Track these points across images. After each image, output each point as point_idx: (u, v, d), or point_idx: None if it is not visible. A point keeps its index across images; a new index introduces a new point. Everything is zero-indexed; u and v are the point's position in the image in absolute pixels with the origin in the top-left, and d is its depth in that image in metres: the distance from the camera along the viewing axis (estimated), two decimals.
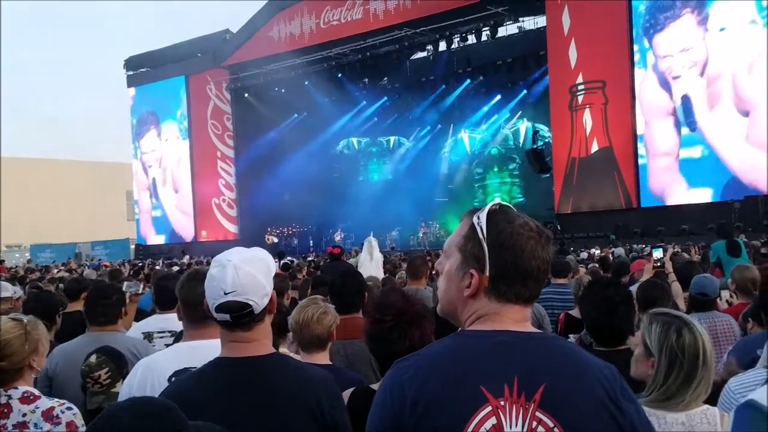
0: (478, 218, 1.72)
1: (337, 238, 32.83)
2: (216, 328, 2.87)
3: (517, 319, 1.71)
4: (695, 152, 23.75)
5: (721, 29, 23.08)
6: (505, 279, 1.69)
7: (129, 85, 42.17)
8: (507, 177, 34.03)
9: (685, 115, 23.88)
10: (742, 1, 22.80)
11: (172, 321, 4.51)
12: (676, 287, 5.53)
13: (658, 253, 6.03)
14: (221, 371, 2.25)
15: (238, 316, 2.23)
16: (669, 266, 6.18)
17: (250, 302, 2.22)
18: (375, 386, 2.41)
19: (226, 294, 2.20)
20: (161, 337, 4.49)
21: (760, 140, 22.02)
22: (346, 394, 2.79)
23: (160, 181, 40.44)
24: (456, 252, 1.75)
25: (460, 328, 1.78)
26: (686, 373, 2.45)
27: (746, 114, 22.60)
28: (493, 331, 1.68)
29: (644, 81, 24.85)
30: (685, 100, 23.83)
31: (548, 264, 1.73)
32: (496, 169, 34.37)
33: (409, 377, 1.66)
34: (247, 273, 2.22)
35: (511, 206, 1.77)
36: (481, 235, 1.69)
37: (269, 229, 34.88)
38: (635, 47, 25.09)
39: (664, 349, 2.47)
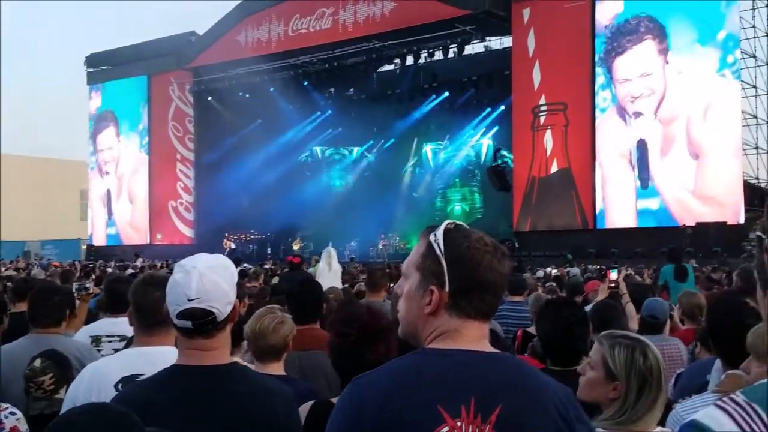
0: (435, 236, 1.74)
1: (296, 246, 32.70)
2: (168, 335, 2.83)
3: (476, 337, 1.72)
4: (651, 204, 24.30)
5: (679, 72, 23.66)
6: (463, 293, 1.70)
7: (89, 83, 41.59)
8: (468, 192, 34.27)
9: (640, 166, 24.38)
10: (704, 48, 23.38)
11: (122, 325, 4.41)
12: (630, 309, 5.59)
13: (614, 274, 6.09)
14: (178, 378, 2.20)
15: (201, 324, 2.18)
16: (623, 288, 6.25)
17: (214, 310, 2.18)
18: (335, 400, 2.37)
19: (190, 300, 2.16)
20: (110, 341, 4.38)
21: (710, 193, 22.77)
22: (306, 407, 2.75)
23: (115, 193, 39.88)
24: (414, 272, 1.76)
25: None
26: (653, 396, 2.47)
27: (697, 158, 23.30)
28: (452, 350, 1.69)
29: (605, 117, 25.34)
30: (641, 148, 24.29)
31: (504, 278, 1.77)
32: (457, 184, 34.58)
33: (368, 395, 1.65)
34: (212, 280, 2.18)
35: (464, 225, 1.80)
36: (438, 252, 1.71)
37: (227, 235, 34.59)
38: (598, 70, 25.54)
39: (633, 373, 2.48)
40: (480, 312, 1.72)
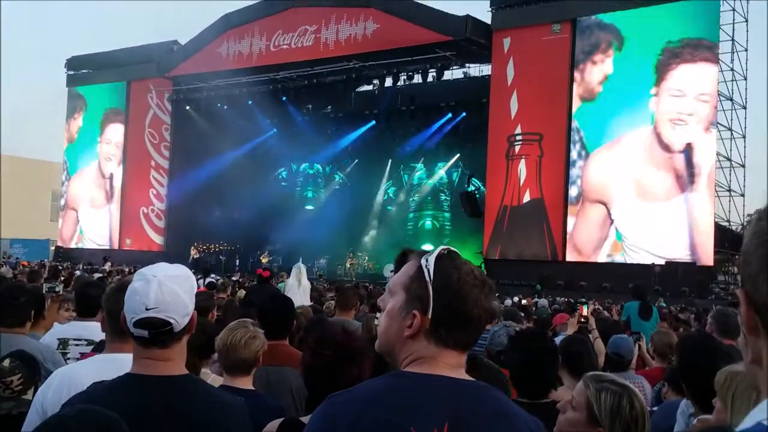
0: (426, 261, 1.73)
1: (264, 260, 32.55)
2: None
3: (452, 365, 1.72)
4: (618, 258, 24.61)
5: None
6: (446, 323, 1.70)
7: (68, 85, 41.34)
8: (439, 216, 34.36)
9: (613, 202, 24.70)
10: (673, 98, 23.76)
11: (90, 329, 4.40)
12: (599, 345, 5.65)
13: (585, 309, 6.16)
14: (132, 388, 2.18)
15: (157, 333, 2.17)
16: (592, 322, 6.31)
17: (171, 320, 2.17)
18: (305, 419, 2.38)
19: (147, 309, 2.15)
20: (77, 345, 4.36)
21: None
22: (275, 425, 2.76)
23: (86, 204, 39.54)
24: (401, 291, 1.76)
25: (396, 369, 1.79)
26: None
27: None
28: (428, 375, 1.69)
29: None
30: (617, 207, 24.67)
31: (488, 313, 1.76)
32: (429, 208, 34.68)
33: (341, 414, 1.65)
34: (171, 290, 2.17)
35: (458, 253, 1.79)
36: (427, 278, 1.71)
37: (196, 244, 34.33)
38: (574, 105, 25.83)
39: (618, 421, 2.46)
40: (460, 343, 1.72)
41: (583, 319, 6.02)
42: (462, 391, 1.70)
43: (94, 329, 4.39)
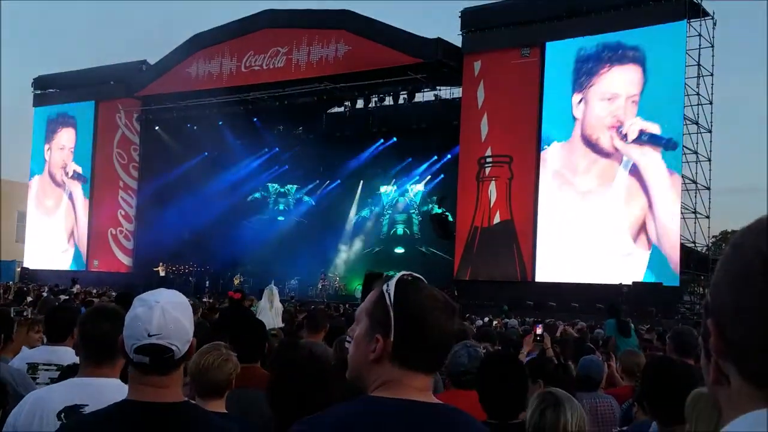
0: (388, 285, 1.75)
1: (236, 282, 32.37)
2: (114, 367, 2.82)
3: (419, 388, 1.73)
4: (589, 260, 24.76)
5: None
6: (407, 346, 1.72)
7: (35, 105, 40.97)
8: (411, 238, 34.34)
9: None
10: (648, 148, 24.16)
11: (60, 354, 4.36)
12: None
13: (539, 328, 6.46)
14: (129, 415, 2.16)
15: (158, 360, 2.15)
16: (547, 341, 6.51)
17: (173, 347, 2.16)
18: None
19: (150, 336, 2.13)
20: (47, 370, 4.31)
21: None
22: None
23: (54, 217, 39.12)
24: (365, 317, 1.79)
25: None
26: None
27: None
28: (395, 399, 1.70)
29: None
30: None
31: (452, 335, 1.78)
32: (400, 229, 34.69)
33: None
34: (173, 317, 2.17)
35: (421, 278, 1.81)
36: (388, 302, 1.73)
37: (161, 264, 33.96)
38: (543, 127, 26.15)
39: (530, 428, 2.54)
40: (423, 365, 1.74)
41: (537, 337, 6.21)
42: (430, 414, 1.71)
43: (63, 354, 4.36)
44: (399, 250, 34.07)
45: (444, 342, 1.77)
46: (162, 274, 33.08)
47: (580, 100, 25.50)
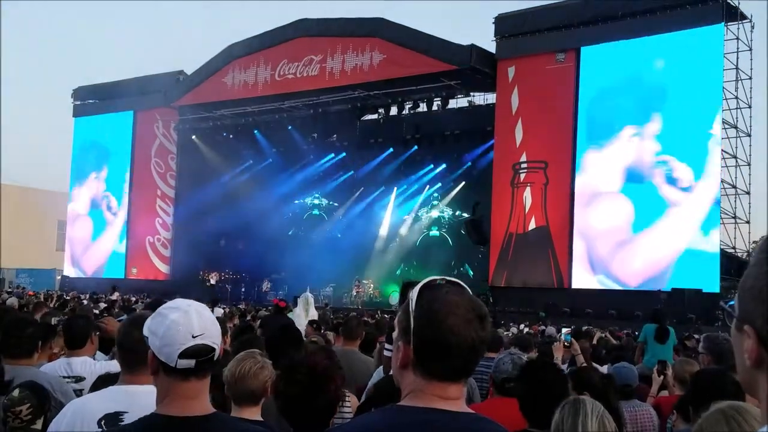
0: (413, 292, 1.75)
1: (264, 288, 32.64)
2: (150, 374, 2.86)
3: (443, 396, 1.70)
4: (627, 266, 24.52)
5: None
6: (426, 353, 1.70)
7: (75, 115, 41.65)
8: (445, 244, 34.23)
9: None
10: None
11: (75, 365, 4.45)
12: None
13: (565, 333, 6.50)
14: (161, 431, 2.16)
15: (202, 362, 2.17)
16: (576, 348, 6.45)
17: (215, 346, 2.21)
18: None
19: (194, 337, 2.16)
20: (67, 383, 4.36)
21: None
22: None
23: (94, 225, 39.74)
24: (397, 325, 1.79)
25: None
26: None
27: None
28: (415, 408, 1.69)
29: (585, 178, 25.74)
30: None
31: (475, 341, 1.71)
32: (435, 235, 34.61)
33: None
34: (209, 317, 2.23)
35: (453, 281, 1.78)
36: (410, 308, 1.72)
37: (204, 272, 34.41)
38: (578, 132, 25.93)
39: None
40: (443, 373, 1.70)
41: (566, 344, 6.21)
42: (457, 423, 1.69)
43: (79, 365, 4.46)
44: (433, 255, 33.95)
45: (464, 348, 1.69)
46: (212, 282, 33.44)
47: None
